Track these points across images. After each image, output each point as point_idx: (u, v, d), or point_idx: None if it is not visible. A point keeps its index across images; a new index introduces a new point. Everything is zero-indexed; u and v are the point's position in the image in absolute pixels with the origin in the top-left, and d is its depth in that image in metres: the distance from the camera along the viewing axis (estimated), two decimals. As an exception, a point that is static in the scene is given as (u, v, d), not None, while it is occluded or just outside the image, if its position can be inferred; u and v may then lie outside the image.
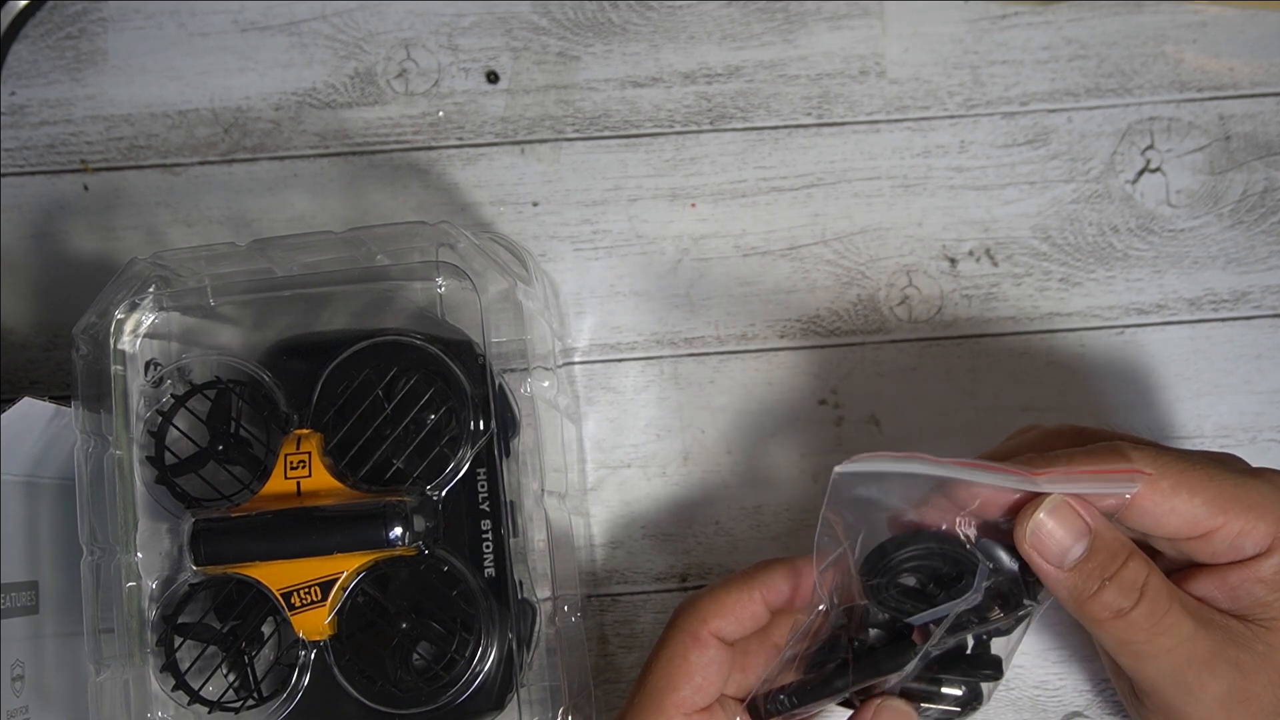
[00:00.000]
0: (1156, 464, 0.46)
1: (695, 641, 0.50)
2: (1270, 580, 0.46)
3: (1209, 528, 0.46)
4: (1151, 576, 0.46)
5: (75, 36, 0.66)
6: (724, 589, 0.51)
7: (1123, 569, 0.46)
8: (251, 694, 0.52)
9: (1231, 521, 0.46)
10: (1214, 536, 0.46)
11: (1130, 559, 0.46)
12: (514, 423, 0.54)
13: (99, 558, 0.52)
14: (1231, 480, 0.46)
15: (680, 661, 0.50)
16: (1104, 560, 0.46)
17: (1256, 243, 0.63)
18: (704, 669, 0.50)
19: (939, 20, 0.65)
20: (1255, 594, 0.46)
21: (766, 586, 0.50)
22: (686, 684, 0.49)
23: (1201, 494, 0.46)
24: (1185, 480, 0.46)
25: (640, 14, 0.65)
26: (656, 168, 0.65)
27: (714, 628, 0.50)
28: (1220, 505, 0.46)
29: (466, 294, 0.54)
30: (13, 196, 0.65)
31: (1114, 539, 0.46)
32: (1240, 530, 0.46)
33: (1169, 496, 0.46)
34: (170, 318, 0.55)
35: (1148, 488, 0.46)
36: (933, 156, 0.64)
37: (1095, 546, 0.46)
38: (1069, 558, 0.46)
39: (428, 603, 0.51)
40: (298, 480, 0.51)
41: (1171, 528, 0.46)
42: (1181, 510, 0.46)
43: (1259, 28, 0.64)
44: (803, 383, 0.63)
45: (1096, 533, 0.46)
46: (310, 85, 0.66)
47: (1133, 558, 0.46)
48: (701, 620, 0.50)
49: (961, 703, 0.50)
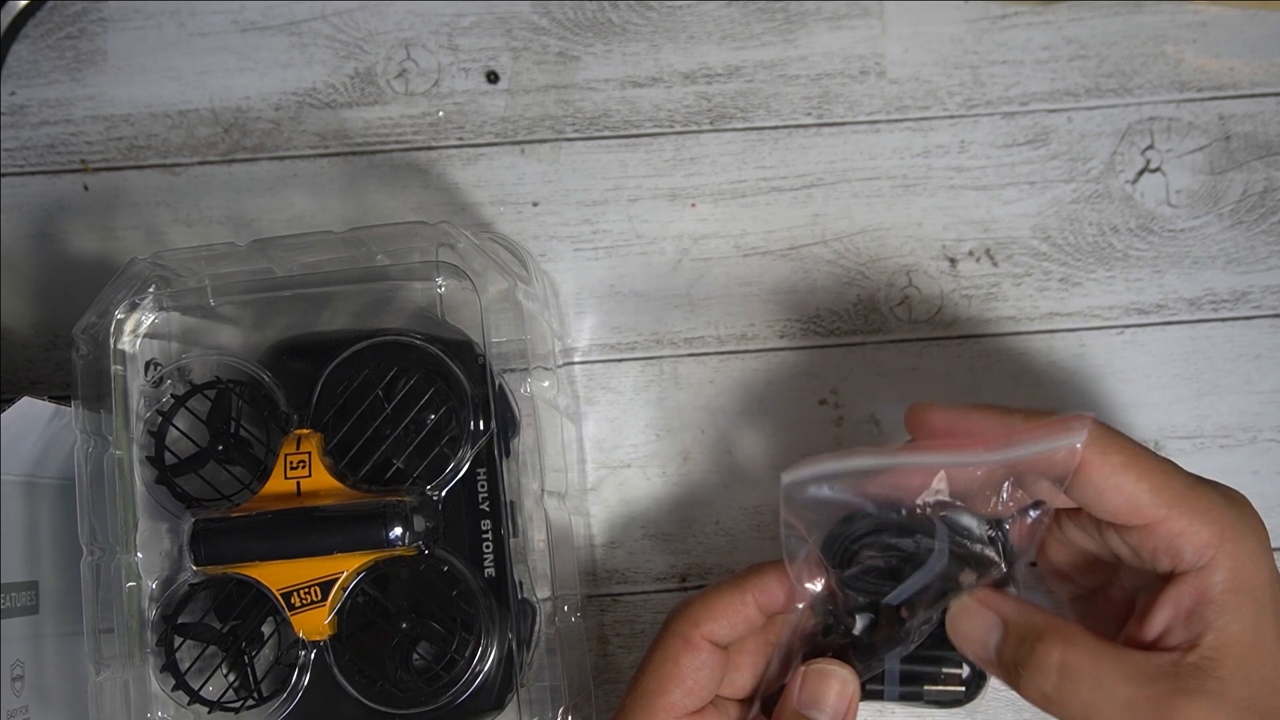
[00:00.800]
0: (1113, 439, 0.46)
1: (687, 645, 0.50)
2: (1218, 600, 0.44)
3: (1149, 518, 0.45)
4: (1069, 653, 0.45)
5: (75, 36, 0.66)
6: (716, 593, 0.50)
7: (1033, 652, 0.45)
8: (251, 694, 0.52)
9: (1174, 518, 0.45)
10: (1154, 531, 0.45)
11: (1040, 641, 0.45)
12: (514, 423, 0.54)
13: (99, 558, 0.52)
14: (1184, 480, 0.46)
15: (672, 665, 0.50)
16: (1014, 646, 0.46)
17: (1256, 243, 0.63)
18: (695, 672, 0.50)
19: (939, 20, 0.65)
20: (1206, 617, 0.45)
21: (759, 590, 0.50)
22: (678, 687, 0.49)
23: (1150, 481, 0.45)
24: (1136, 463, 0.45)
25: (640, 14, 0.65)
26: (656, 168, 0.65)
27: (706, 631, 0.50)
28: (1165, 498, 0.45)
29: (466, 294, 0.54)
30: (13, 196, 0.65)
31: (1024, 622, 0.46)
32: (1181, 530, 0.45)
33: (1117, 472, 0.45)
34: (170, 318, 0.55)
35: (1098, 458, 0.45)
36: (933, 156, 0.64)
37: (1006, 635, 0.46)
38: (990, 647, 0.46)
39: (428, 603, 0.51)
40: (298, 480, 0.51)
41: (1111, 506, 0.46)
42: (1126, 490, 0.45)
43: (1259, 28, 0.64)
44: (803, 383, 0.63)
45: (1007, 620, 0.46)
46: (310, 85, 0.66)
47: (1044, 639, 0.45)
48: (694, 624, 0.50)
49: (965, 681, 0.50)
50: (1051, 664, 0.45)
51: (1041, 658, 0.45)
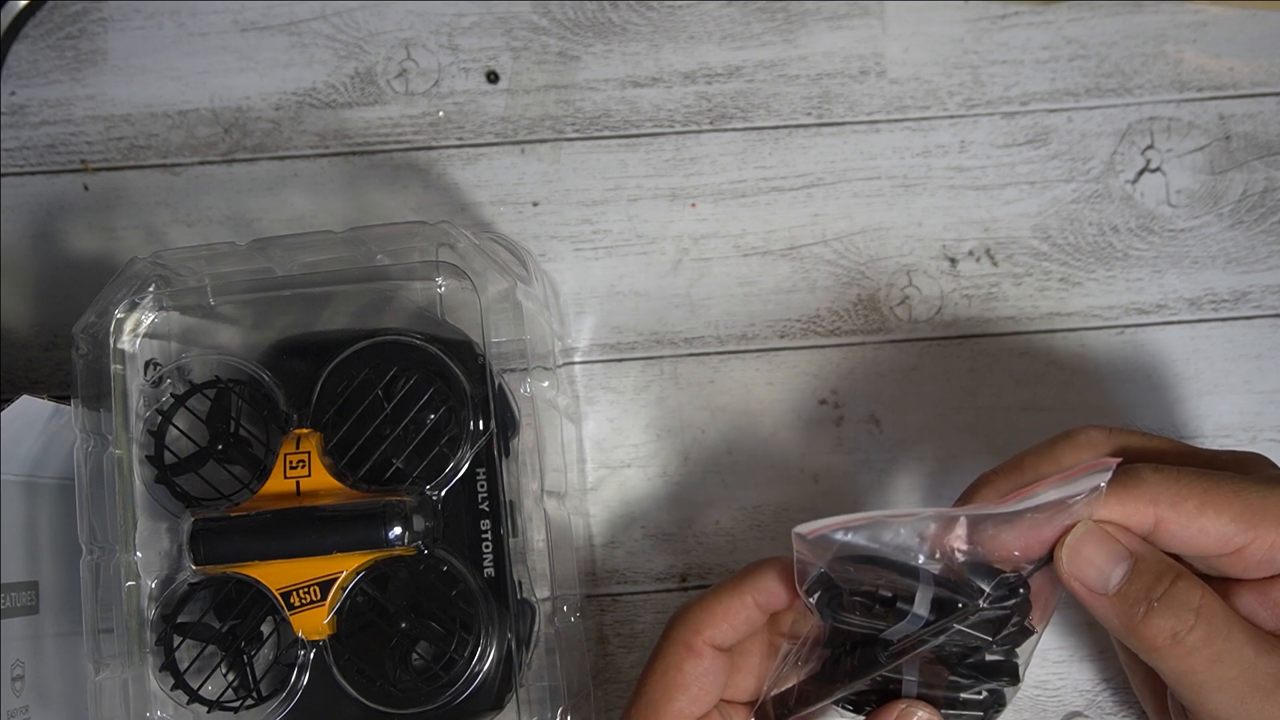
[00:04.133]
0: (1179, 485, 0.45)
1: (689, 652, 0.49)
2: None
3: (1240, 544, 0.45)
4: (1206, 597, 0.44)
5: (75, 36, 0.66)
6: (715, 596, 0.50)
7: (1172, 589, 0.44)
8: (250, 693, 0.52)
9: (1263, 534, 0.44)
10: (1246, 551, 0.45)
11: (1179, 578, 0.45)
12: (513, 423, 0.54)
13: (98, 557, 0.52)
14: (1259, 492, 0.45)
15: (675, 673, 0.49)
16: (1149, 581, 0.45)
17: (1256, 243, 0.63)
18: (700, 679, 0.49)
19: (939, 20, 0.65)
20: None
21: (758, 590, 0.49)
22: (682, 695, 0.49)
23: (1228, 510, 0.45)
24: (1211, 499, 0.45)
25: (640, 14, 0.65)
26: (656, 168, 0.65)
27: (708, 636, 0.49)
28: (1249, 520, 0.44)
29: (466, 294, 0.54)
30: (13, 196, 0.65)
31: (1158, 559, 0.45)
32: (1273, 543, 0.45)
33: (1195, 517, 0.45)
34: (170, 317, 0.55)
35: (1172, 512, 0.45)
36: (933, 156, 0.64)
37: (1138, 568, 0.45)
38: (1112, 582, 0.45)
39: (427, 603, 0.51)
40: (297, 480, 0.51)
41: (1202, 547, 0.45)
42: (1210, 530, 0.45)
43: (1259, 28, 0.64)
44: (803, 383, 0.63)
45: (1138, 554, 0.45)
46: (310, 85, 0.66)
47: (1182, 577, 0.45)
48: (694, 630, 0.49)
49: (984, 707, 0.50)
50: (1192, 604, 0.44)
51: (1182, 596, 0.44)
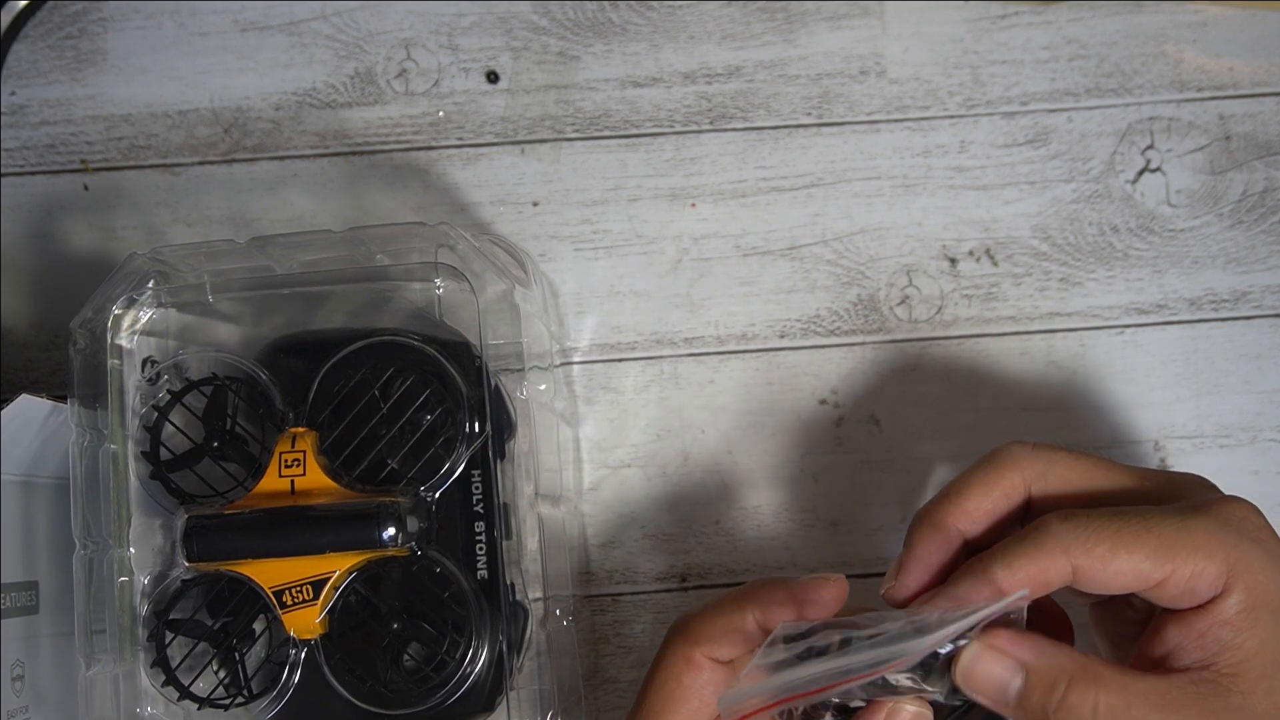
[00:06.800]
0: (1088, 531, 0.45)
1: (689, 665, 0.49)
2: (1233, 621, 0.44)
3: (1158, 579, 0.45)
4: (1102, 696, 0.44)
5: (75, 36, 0.66)
6: (717, 610, 0.49)
7: (1065, 698, 0.44)
8: (241, 691, 0.52)
9: (1180, 567, 0.44)
10: (1167, 584, 0.45)
11: (1072, 686, 0.44)
12: (509, 425, 0.54)
13: (92, 552, 0.52)
14: (1173, 525, 0.45)
15: (674, 685, 0.49)
16: (1043, 693, 0.44)
17: (1256, 243, 0.63)
18: (699, 691, 0.49)
19: (939, 20, 0.65)
20: (1222, 637, 0.44)
21: (761, 610, 0.49)
22: (682, 707, 0.49)
23: (1141, 549, 0.45)
24: (1122, 539, 0.45)
25: (640, 14, 0.65)
26: (656, 168, 0.64)
27: (707, 650, 0.49)
28: (1163, 555, 0.44)
29: (464, 295, 0.54)
30: (13, 196, 0.65)
31: (1049, 667, 0.45)
32: (1191, 574, 0.44)
33: (1109, 560, 0.45)
34: (168, 314, 0.55)
35: (1085, 560, 0.45)
36: (933, 156, 0.64)
37: (1030, 682, 0.45)
38: (1010, 693, 0.45)
39: (419, 604, 0.51)
40: (292, 479, 0.51)
41: (1123, 587, 0.45)
42: (1126, 570, 0.45)
43: (1259, 28, 0.64)
44: (803, 383, 0.63)
45: (1028, 666, 0.45)
46: (310, 85, 0.66)
47: (1075, 684, 0.44)
48: (694, 642, 0.49)
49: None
50: (1086, 710, 0.44)
51: (1076, 704, 0.44)
